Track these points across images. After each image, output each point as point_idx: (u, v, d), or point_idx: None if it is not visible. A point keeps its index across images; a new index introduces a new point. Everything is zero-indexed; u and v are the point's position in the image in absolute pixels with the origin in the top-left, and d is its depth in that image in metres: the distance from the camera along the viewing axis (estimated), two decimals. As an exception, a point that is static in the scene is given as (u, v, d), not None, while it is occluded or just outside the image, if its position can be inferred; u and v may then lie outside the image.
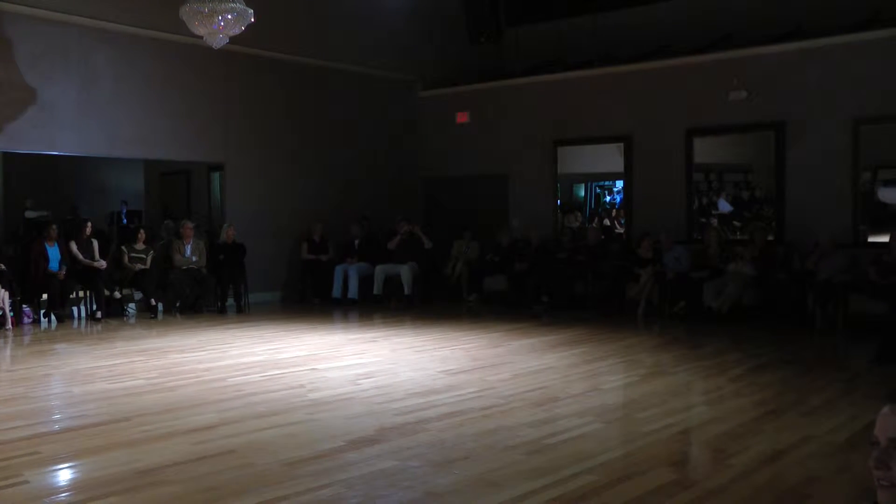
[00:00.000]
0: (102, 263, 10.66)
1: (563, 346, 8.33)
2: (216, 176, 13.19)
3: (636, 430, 5.10)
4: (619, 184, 13.90)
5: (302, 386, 6.33)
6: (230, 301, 11.58)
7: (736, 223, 11.70)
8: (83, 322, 10.45)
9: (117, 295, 10.82)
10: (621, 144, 12.59)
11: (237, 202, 12.46)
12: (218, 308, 11.41)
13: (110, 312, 10.67)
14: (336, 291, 12.40)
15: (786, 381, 6.59)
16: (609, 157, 13.43)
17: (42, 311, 10.28)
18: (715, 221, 11.77)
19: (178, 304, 11.29)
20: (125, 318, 10.73)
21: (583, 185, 15.56)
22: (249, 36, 9.37)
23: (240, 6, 8.20)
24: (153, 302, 10.90)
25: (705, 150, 11.90)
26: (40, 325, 10.00)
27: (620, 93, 12.49)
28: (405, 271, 12.39)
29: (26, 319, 10.09)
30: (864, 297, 9.35)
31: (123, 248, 11.17)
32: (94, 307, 10.59)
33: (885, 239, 9.41)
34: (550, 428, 5.05)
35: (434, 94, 14.73)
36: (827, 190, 10.62)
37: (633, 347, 8.30)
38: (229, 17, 8.08)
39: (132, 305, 11.24)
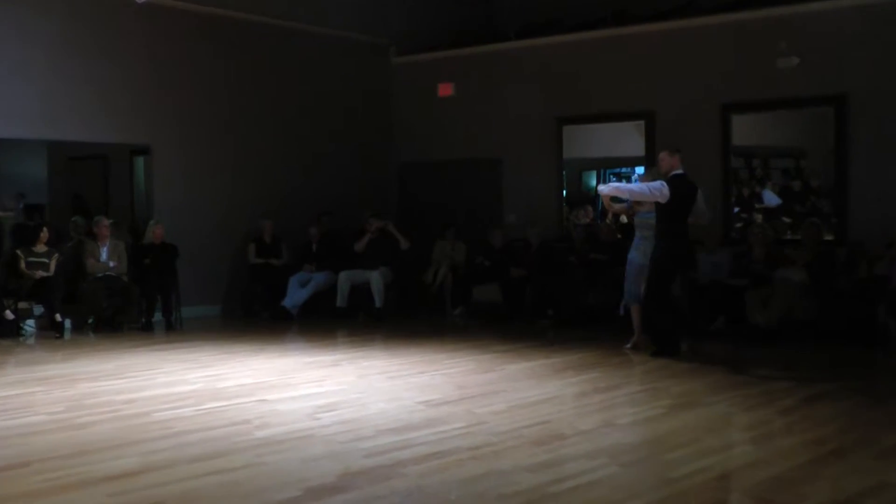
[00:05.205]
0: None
1: (570, 371, 8.31)
2: (140, 161, 13.09)
3: (662, 475, 5.08)
4: (639, 171, 13.90)
5: (247, 421, 6.29)
6: (157, 316, 11.50)
7: (785, 220, 11.71)
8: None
9: (10, 315, 10.66)
10: (641, 123, 12.61)
11: (167, 193, 12.38)
12: (142, 325, 11.34)
13: (2, 331, 10.53)
14: (289, 303, 12.38)
15: (850, 413, 6.58)
16: (626, 139, 13.44)
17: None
18: (759, 217, 11.78)
19: (90, 321, 11.19)
20: (21, 339, 10.62)
21: (594, 173, 15.56)
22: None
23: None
24: (58, 318, 10.79)
25: (746, 131, 11.92)
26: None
27: (640, 59, 12.49)
28: (375, 278, 12.34)
29: None
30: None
31: (19, 251, 11.04)
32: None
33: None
34: (555, 472, 5.02)
35: (411, 61, 14.69)
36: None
37: (658, 372, 8.28)
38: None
39: (31, 322, 11.12)
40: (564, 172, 13.53)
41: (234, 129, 12.96)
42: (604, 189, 9.17)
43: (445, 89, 14.26)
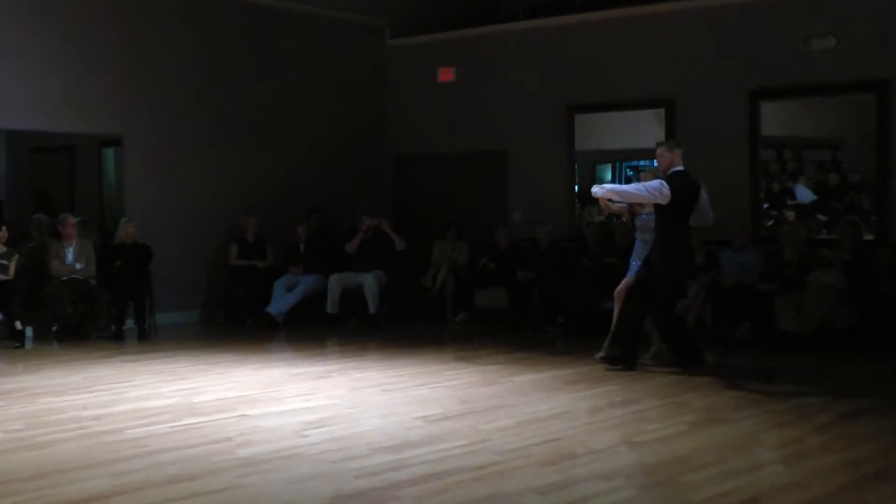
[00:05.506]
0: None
1: (583, 384, 8.31)
2: (110, 153, 13.04)
3: (684, 498, 5.06)
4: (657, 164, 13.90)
5: (228, 439, 6.29)
6: (129, 323, 11.49)
7: (820, 217, 11.68)
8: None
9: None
10: (661, 111, 12.62)
11: (140, 188, 12.38)
12: (112, 333, 11.33)
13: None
14: (275, 309, 12.38)
15: (894, 432, 6.56)
16: (644, 129, 13.41)
17: None
18: (791, 215, 11.76)
19: (55, 329, 11.17)
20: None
21: (609, 167, 15.53)
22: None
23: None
24: (19, 326, 10.79)
25: (777, 120, 11.91)
26: None
27: (659, 41, 12.50)
28: (369, 282, 12.34)
29: None
30: None
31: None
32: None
33: None
34: (566, 495, 5.01)
35: (408, 44, 14.70)
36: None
37: (679, 385, 8.28)
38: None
39: (-11, 331, 11.13)
40: (576, 165, 13.51)
41: (213, 119, 12.96)
42: (598, 191, 8.97)
43: (446, 74, 14.26)
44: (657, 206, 8.80)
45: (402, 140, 14.70)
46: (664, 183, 8.68)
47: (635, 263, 9.30)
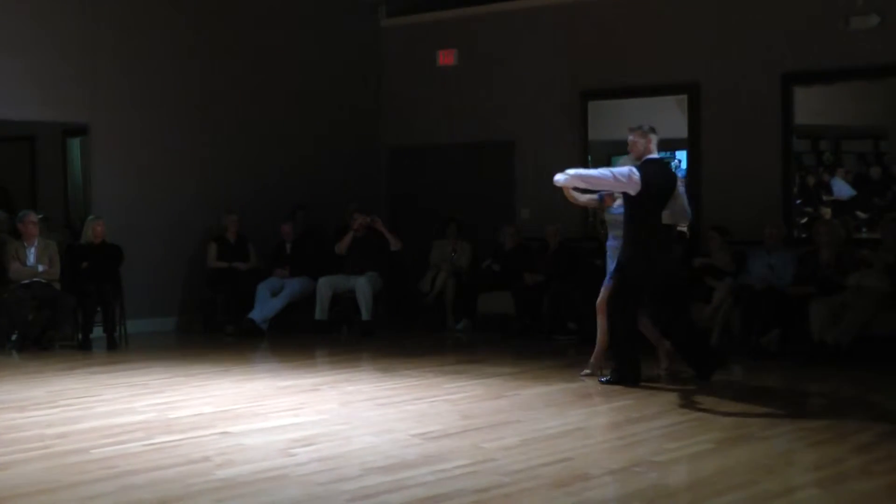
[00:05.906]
0: None
1: (597, 398, 8.34)
2: (75, 143, 13.03)
3: (711, 523, 5.06)
4: (681, 155, 13.89)
5: (207, 459, 6.28)
6: (97, 332, 11.50)
7: (860, 214, 11.67)
8: None
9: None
10: (684, 97, 12.61)
11: (109, 183, 12.39)
12: (79, 342, 11.35)
13: None
14: (258, 315, 12.40)
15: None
16: (665, 117, 13.40)
17: None
18: (828, 212, 11.77)
19: (14, 337, 11.17)
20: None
21: (625, 158, 15.56)
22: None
23: None
24: (-25, 334, 10.84)
25: (813, 107, 11.90)
26: None
27: (682, 20, 12.48)
28: (362, 286, 12.35)
29: None
30: None
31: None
32: None
33: None
34: (581, 520, 5.01)
35: (404, 23, 14.69)
36: None
37: (703, 399, 8.26)
38: None
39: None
40: (590, 157, 13.47)
41: (189, 107, 12.96)
42: (560, 179, 8.71)
43: (446, 57, 14.25)
44: (626, 198, 8.62)
45: (397, 130, 14.70)
46: (634, 170, 8.52)
47: (612, 266, 9.14)
